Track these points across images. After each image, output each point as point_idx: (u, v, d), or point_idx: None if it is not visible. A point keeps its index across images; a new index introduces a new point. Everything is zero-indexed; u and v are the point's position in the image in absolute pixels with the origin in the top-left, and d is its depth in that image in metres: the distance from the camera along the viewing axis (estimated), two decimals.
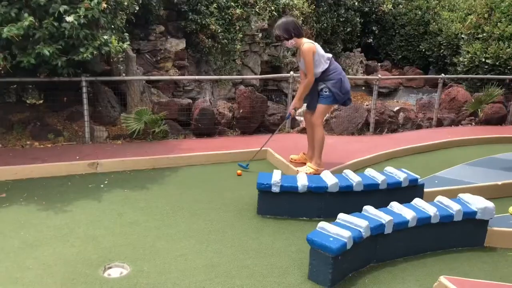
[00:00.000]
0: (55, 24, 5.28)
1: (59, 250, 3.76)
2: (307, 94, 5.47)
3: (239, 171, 5.72)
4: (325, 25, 13.91)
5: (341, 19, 14.60)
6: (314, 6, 13.15)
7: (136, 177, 5.51)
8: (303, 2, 12.33)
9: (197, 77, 8.54)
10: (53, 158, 5.67)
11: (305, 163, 5.67)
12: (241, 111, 7.38)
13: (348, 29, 15.08)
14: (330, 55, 5.35)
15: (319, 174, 4.88)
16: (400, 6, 16.36)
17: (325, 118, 7.72)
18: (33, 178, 5.28)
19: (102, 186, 5.18)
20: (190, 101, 7.82)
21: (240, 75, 11.18)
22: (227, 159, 6.23)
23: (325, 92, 5.29)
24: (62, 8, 5.21)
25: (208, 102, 7.59)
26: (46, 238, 3.95)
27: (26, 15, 5.10)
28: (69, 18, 5.18)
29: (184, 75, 9.96)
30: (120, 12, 6.67)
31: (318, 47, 5.21)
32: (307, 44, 5.15)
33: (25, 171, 5.31)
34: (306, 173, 4.97)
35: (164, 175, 5.60)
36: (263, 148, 6.36)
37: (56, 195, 4.85)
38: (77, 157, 5.72)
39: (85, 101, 6.29)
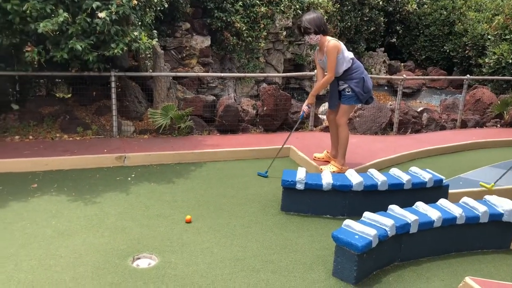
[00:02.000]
0: (88, 20, 5.41)
1: (89, 240, 3.87)
2: (329, 93, 5.49)
3: (188, 217, 4.33)
4: (348, 24, 13.85)
5: (365, 18, 14.51)
6: (338, 5, 13.11)
7: (162, 171, 5.62)
8: (328, 1, 12.31)
9: (222, 74, 8.63)
10: (82, 150, 5.82)
11: (328, 162, 5.70)
12: (265, 108, 7.44)
13: (372, 29, 14.98)
14: (352, 55, 5.32)
15: (343, 173, 4.91)
16: (425, 6, 16.19)
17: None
18: (63, 170, 5.44)
19: (129, 179, 5.30)
20: (214, 98, 7.92)
21: (263, 73, 11.23)
22: (250, 156, 6.30)
23: (348, 92, 5.27)
24: (95, 4, 5.34)
25: (233, 99, 7.67)
26: (76, 228, 4.07)
27: (60, 11, 5.25)
28: (101, 14, 5.30)
29: (208, 72, 10.07)
30: (149, 9, 6.78)
31: (343, 46, 5.19)
32: (334, 41, 5.11)
33: (55, 163, 5.47)
34: (330, 172, 5.00)
35: (189, 170, 5.69)
36: (285, 146, 6.41)
37: (85, 187, 4.99)
38: (105, 150, 5.86)
39: (113, 95, 6.43)
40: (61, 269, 3.42)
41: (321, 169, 5.44)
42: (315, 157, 5.92)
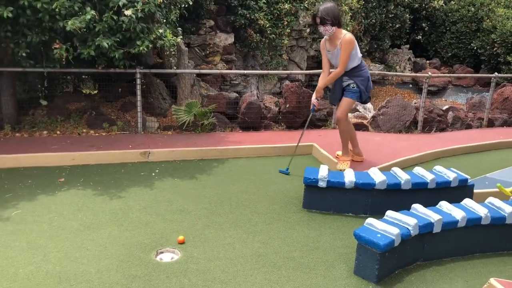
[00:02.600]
0: (114, 17, 5.51)
1: (114, 233, 3.96)
2: (331, 89, 5.50)
3: (181, 238, 3.89)
4: (373, 21, 13.69)
5: (390, 15, 14.32)
6: (363, 2, 12.97)
7: (185, 167, 5.69)
8: None
9: (245, 71, 8.64)
10: (107, 146, 5.94)
11: (352, 160, 5.68)
12: (287, 105, 7.44)
13: (397, 26, 14.76)
14: (360, 55, 5.31)
15: (358, 161, 5.05)
16: (452, 2, 15.85)
17: (371, 115, 7.68)
18: (89, 165, 5.56)
19: (153, 174, 5.38)
20: (237, 95, 7.96)
21: (286, 70, 11.21)
22: (272, 153, 6.32)
23: (353, 87, 5.27)
24: (121, 2, 5.43)
25: (255, 96, 7.69)
26: (102, 221, 4.17)
27: (88, 8, 5.37)
28: (128, 12, 5.39)
29: (231, 69, 10.11)
30: (173, 7, 6.86)
31: (356, 42, 5.19)
32: (350, 35, 5.08)
33: (82, 158, 5.59)
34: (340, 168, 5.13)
35: (212, 166, 5.75)
36: (308, 144, 6.42)
37: (110, 181, 5.09)
38: (130, 146, 5.96)
39: (138, 92, 6.53)
40: (87, 261, 3.51)
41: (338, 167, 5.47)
42: (337, 155, 5.90)
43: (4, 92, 6.33)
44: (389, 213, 3.75)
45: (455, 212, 3.83)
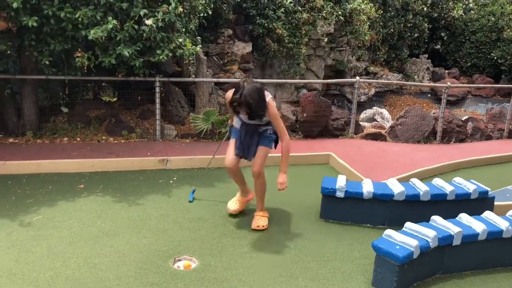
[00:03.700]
0: (135, 27, 5.60)
1: (132, 240, 3.99)
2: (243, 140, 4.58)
3: (187, 263, 3.72)
4: (391, 30, 13.65)
5: (409, 25, 14.25)
6: (381, 11, 12.94)
7: (203, 174, 5.72)
8: (371, 7, 12.17)
9: (264, 80, 8.67)
10: (126, 153, 6.00)
11: (245, 203, 4.83)
12: (305, 115, 7.44)
13: (415, 35, 14.69)
14: None
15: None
16: (472, 12, 15.73)
17: (389, 125, 7.62)
18: (108, 172, 5.62)
19: (171, 182, 5.42)
20: None
21: (303, 78, 11.21)
22: (289, 162, 6.29)
23: (270, 133, 4.51)
24: (142, 12, 5.52)
25: None
26: (120, 228, 4.21)
27: (109, 18, 5.46)
28: (148, 22, 5.48)
29: (249, 78, 10.15)
30: (193, 16, 6.94)
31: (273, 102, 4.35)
32: (270, 101, 4.22)
33: (101, 165, 5.66)
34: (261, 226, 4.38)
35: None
36: (325, 153, 6.40)
37: (129, 189, 5.14)
38: (148, 153, 6.01)
39: (157, 100, 6.60)
40: (106, 267, 3.54)
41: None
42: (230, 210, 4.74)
43: (27, 99, 6.46)
44: (408, 225, 3.71)
45: (475, 224, 3.78)
